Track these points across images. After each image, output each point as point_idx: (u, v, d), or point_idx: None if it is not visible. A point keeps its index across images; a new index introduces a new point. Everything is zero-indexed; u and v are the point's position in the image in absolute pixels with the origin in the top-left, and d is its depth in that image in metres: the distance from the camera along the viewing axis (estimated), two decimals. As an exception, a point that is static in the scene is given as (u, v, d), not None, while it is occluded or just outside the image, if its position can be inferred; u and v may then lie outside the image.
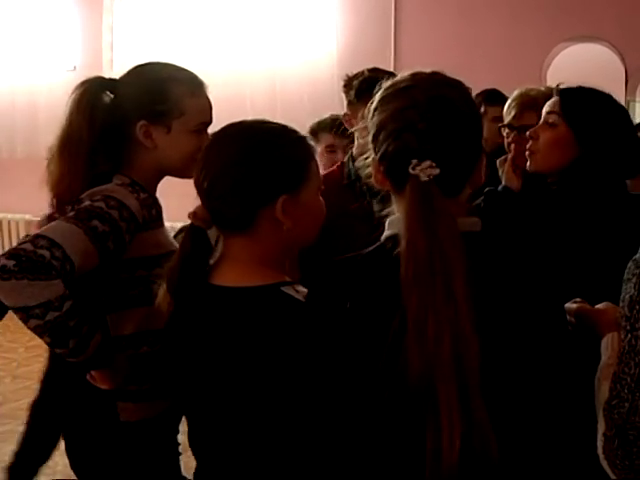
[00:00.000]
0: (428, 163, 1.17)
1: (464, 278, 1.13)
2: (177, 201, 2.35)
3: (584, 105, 1.94)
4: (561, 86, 2.04)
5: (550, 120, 1.95)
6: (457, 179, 1.24)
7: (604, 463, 1.18)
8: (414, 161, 1.17)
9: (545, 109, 1.99)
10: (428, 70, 1.27)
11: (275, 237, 1.39)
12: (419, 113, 1.20)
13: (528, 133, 2.01)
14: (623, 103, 2.16)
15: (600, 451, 1.19)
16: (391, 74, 2.55)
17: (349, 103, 2.61)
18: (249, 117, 1.60)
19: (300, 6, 5.43)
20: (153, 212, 1.79)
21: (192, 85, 1.81)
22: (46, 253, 1.56)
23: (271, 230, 1.38)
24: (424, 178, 1.16)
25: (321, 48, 5.35)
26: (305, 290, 1.36)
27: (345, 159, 2.48)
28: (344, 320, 1.24)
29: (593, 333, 1.40)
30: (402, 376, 1.13)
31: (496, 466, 1.14)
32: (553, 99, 1.98)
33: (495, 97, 3.82)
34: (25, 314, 1.58)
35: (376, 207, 2.34)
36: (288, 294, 1.33)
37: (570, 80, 2.11)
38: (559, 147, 1.93)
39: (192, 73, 1.84)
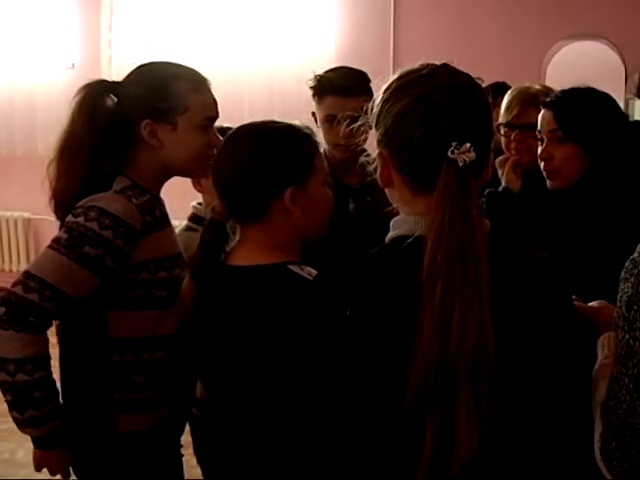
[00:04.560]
0: (468, 146, 1.13)
1: (487, 272, 1.10)
2: (179, 200, 2.35)
3: (580, 117, 1.94)
4: (550, 97, 2.03)
5: (557, 137, 1.95)
6: (480, 168, 1.20)
7: (601, 465, 1.18)
8: (454, 143, 1.13)
9: (545, 126, 1.99)
10: (437, 62, 1.25)
11: (286, 225, 1.52)
12: (446, 98, 1.16)
13: (541, 155, 2.01)
14: (622, 101, 2.16)
15: (597, 452, 1.18)
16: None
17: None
18: (247, 115, 1.68)
19: (298, 4, 5.42)
20: (157, 213, 1.79)
21: (195, 81, 1.79)
22: (35, 297, 1.62)
23: (282, 218, 1.52)
24: (461, 163, 1.13)
25: (320, 46, 5.34)
26: (312, 270, 1.47)
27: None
28: (345, 320, 1.23)
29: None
30: (405, 373, 1.10)
31: (496, 465, 1.13)
32: (547, 114, 1.98)
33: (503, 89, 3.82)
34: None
35: (351, 206, 2.34)
36: (293, 271, 1.45)
37: (570, 78, 2.10)
38: (575, 162, 1.96)
39: (194, 70, 1.83)
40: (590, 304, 1.48)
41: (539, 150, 2.03)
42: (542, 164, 2.01)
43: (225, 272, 1.54)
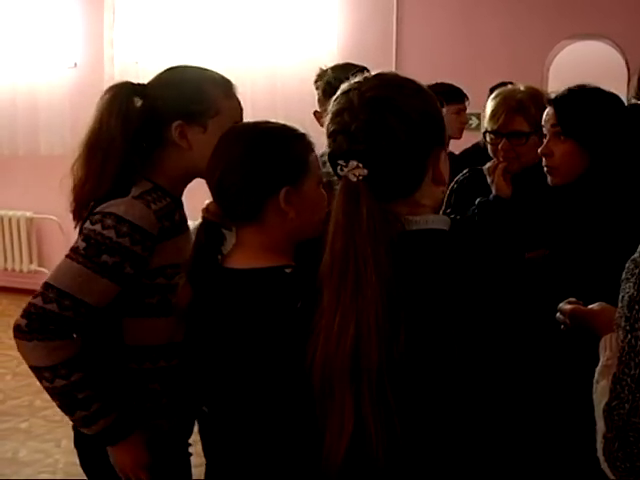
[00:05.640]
0: (354, 164, 1.19)
1: (379, 279, 1.15)
2: (191, 200, 2.35)
3: (580, 114, 1.94)
4: (552, 95, 2.03)
5: (558, 134, 1.95)
6: (401, 179, 1.23)
7: (604, 465, 1.17)
8: (340, 162, 1.21)
9: (548, 122, 1.99)
10: (375, 72, 1.29)
11: (281, 226, 1.51)
12: (352, 115, 1.22)
13: (542, 151, 2.00)
14: (625, 101, 2.16)
15: (600, 453, 1.18)
16: (362, 69, 2.49)
17: (318, 101, 2.58)
18: (249, 115, 1.72)
19: (301, 4, 5.43)
20: (176, 218, 1.79)
21: (225, 86, 1.80)
22: (54, 307, 1.63)
23: (277, 219, 1.50)
24: (353, 179, 1.19)
25: (322, 46, 5.34)
26: None
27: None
28: (293, 316, 1.31)
29: (589, 334, 1.40)
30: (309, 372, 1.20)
31: (381, 471, 1.16)
32: (550, 110, 1.98)
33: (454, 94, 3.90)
34: (38, 374, 1.66)
35: None
36: (290, 275, 1.45)
37: (572, 78, 2.10)
38: (575, 159, 1.96)
39: (223, 75, 1.83)
40: (590, 306, 1.48)
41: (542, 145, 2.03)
42: (543, 160, 2.02)
43: (221, 275, 1.53)
